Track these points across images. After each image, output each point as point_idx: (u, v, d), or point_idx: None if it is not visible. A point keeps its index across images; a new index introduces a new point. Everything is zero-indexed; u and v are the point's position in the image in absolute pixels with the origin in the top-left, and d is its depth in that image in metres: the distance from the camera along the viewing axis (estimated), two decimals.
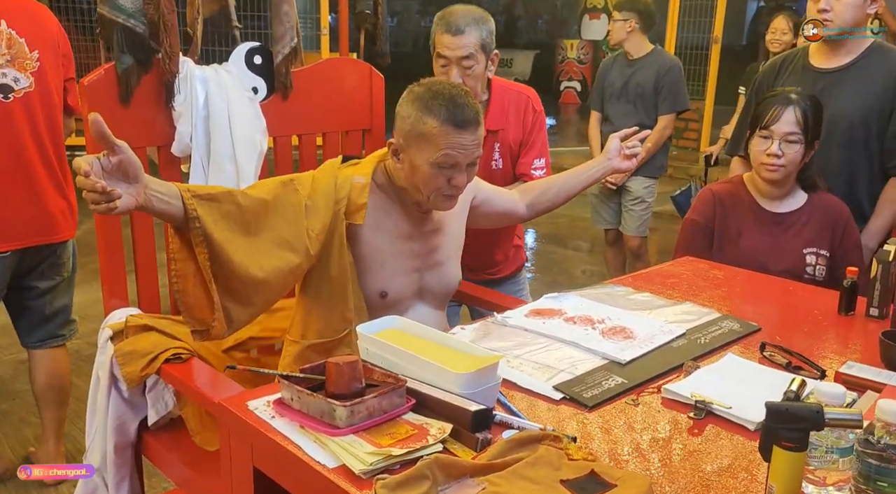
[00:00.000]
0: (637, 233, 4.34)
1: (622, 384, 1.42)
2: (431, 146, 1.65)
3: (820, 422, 0.99)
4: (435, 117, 1.64)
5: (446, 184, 1.68)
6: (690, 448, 1.24)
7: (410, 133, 1.67)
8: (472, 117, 1.66)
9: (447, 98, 1.65)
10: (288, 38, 2.31)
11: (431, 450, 1.17)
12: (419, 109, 1.66)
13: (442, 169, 1.66)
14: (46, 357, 2.73)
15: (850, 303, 1.82)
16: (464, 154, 1.66)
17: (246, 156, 2.23)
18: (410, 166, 1.69)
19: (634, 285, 2.01)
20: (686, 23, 8.13)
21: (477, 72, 2.25)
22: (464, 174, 1.69)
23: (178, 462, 1.97)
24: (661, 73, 4.15)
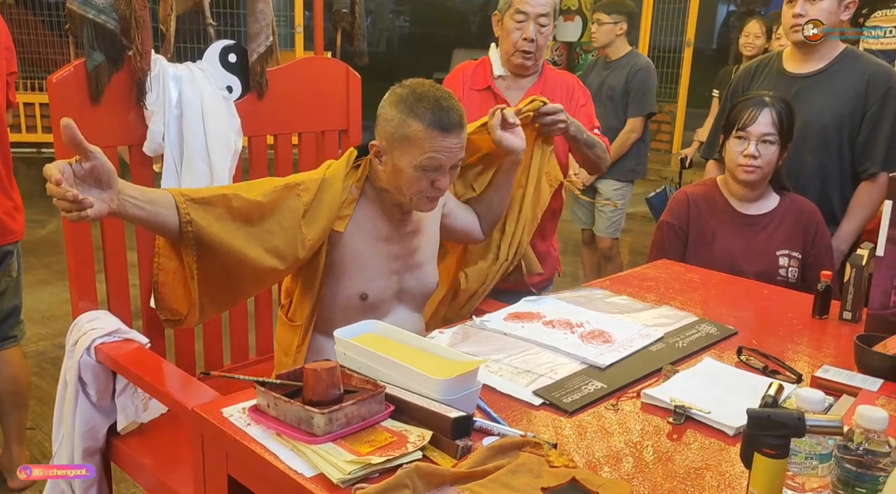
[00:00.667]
0: (608, 234, 4.35)
1: (602, 389, 1.41)
2: (416, 149, 1.63)
3: (801, 429, 0.99)
4: (420, 120, 1.62)
5: (429, 186, 1.67)
6: (670, 454, 1.24)
7: (394, 135, 1.65)
8: (457, 120, 1.65)
9: (432, 101, 1.63)
10: (263, 36, 2.27)
11: (411, 458, 1.15)
12: (403, 112, 1.64)
13: (426, 171, 1.65)
14: (2, 361, 2.67)
15: (824, 307, 1.83)
16: (448, 157, 1.65)
17: (220, 155, 2.19)
18: (393, 168, 1.68)
19: (612, 288, 2.01)
20: (659, 26, 8.19)
21: (548, 32, 2.32)
22: (447, 176, 1.68)
23: (147, 468, 1.92)
24: (631, 75, 4.17)
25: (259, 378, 1.29)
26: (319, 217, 1.70)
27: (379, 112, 1.70)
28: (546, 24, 2.30)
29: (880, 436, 1.01)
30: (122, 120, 2.06)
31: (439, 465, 1.15)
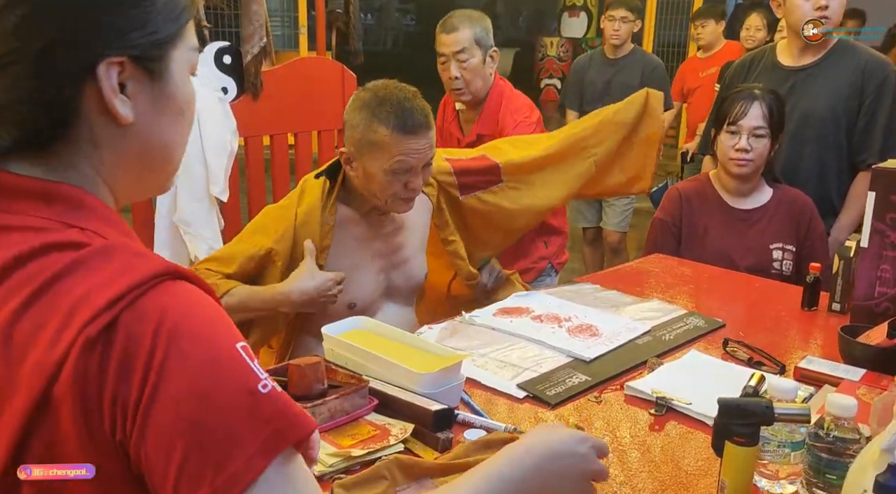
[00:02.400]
0: (618, 227, 4.36)
1: (586, 381, 1.43)
2: (384, 154, 1.61)
3: (770, 417, 1.00)
4: (384, 125, 1.60)
5: (403, 188, 1.65)
6: (649, 444, 1.25)
7: (361, 141, 1.63)
8: (422, 121, 1.63)
9: (395, 103, 1.61)
10: (257, 37, 2.31)
11: (392, 450, 1.17)
12: (367, 117, 1.62)
13: (397, 174, 1.63)
14: None
15: (813, 298, 1.84)
16: (417, 158, 1.63)
17: (215, 156, 2.23)
18: (364, 174, 1.66)
19: (603, 282, 2.02)
20: (663, 20, 8.17)
21: (472, 65, 2.36)
22: (419, 176, 1.67)
23: None
24: (647, 73, 4.17)
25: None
26: (299, 263, 1.68)
27: (345, 118, 1.68)
28: (466, 58, 2.36)
29: (850, 424, 1.02)
30: None
31: (421, 458, 1.17)
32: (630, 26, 4.12)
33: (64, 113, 0.69)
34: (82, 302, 0.63)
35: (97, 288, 0.64)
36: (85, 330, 0.62)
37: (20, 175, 0.70)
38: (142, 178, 0.79)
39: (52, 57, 0.67)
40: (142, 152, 0.76)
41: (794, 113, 2.73)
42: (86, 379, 0.62)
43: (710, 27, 5.16)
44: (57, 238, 0.67)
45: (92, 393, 0.63)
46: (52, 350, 0.62)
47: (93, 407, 0.63)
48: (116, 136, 0.73)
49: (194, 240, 2.18)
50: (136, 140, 0.74)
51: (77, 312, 0.63)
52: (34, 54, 0.66)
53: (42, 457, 0.62)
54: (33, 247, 0.66)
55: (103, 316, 0.63)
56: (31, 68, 0.66)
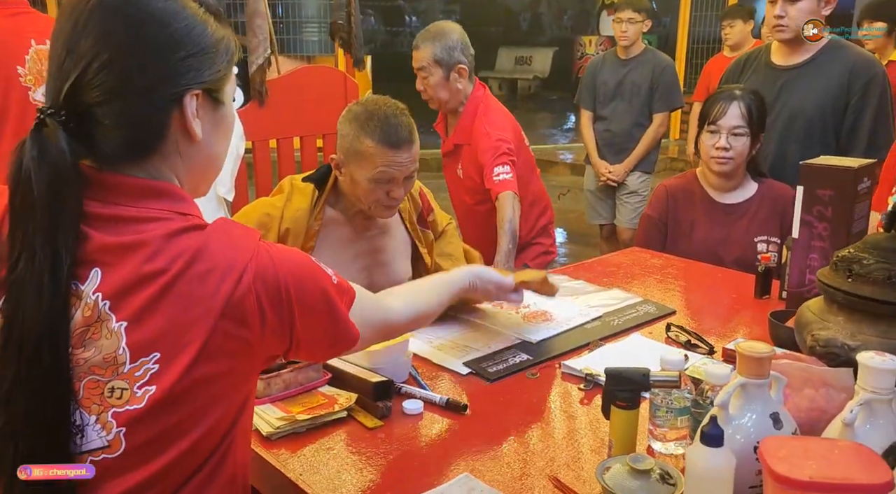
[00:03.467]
0: (630, 224, 4.45)
1: (526, 360, 1.57)
2: (369, 164, 1.76)
3: (646, 384, 1.14)
4: (370, 137, 1.74)
5: (385, 196, 1.80)
6: (575, 413, 1.39)
7: (349, 150, 1.78)
8: (406, 137, 1.77)
9: (382, 118, 1.75)
10: (261, 49, 2.49)
11: (337, 416, 1.34)
12: (356, 129, 1.77)
13: (380, 183, 1.78)
14: None
15: (765, 287, 1.94)
16: (399, 170, 1.77)
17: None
18: (351, 180, 1.81)
19: (575, 273, 2.15)
20: (696, 17, 8.18)
21: (432, 81, 2.53)
22: (401, 187, 1.81)
23: None
24: (658, 72, 4.26)
25: None
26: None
27: (338, 127, 1.83)
28: (426, 75, 2.56)
29: None
30: None
31: (364, 425, 1.33)
32: (638, 27, 4.21)
33: (160, 131, 0.94)
34: (229, 265, 0.91)
35: (233, 254, 0.92)
36: (241, 280, 0.91)
37: (137, 177, 0.93)
38: (198, 182, 1.03)
39: (154, 91, 0.91)
40: (202, 162, 1.00)
41: (783, 111, 2.81)
42: (247, 312, 0.91)
43: (738, 27, 5.21)
44: (184, 223, 0.92)
45: (254, 321, 0.92)
46: (216, 295, 0.89)
47: (253, 324, 0.92)
48: (191, 150, 0.96)
49: None
50: (201, 153, 0.98)
51: (229, 271, 0.90)
52: (142, 89, 0.90)
53: (209, 356, 0.89)
54: (173, 229, 0.90)
55: (247, 271, 0.91)
56: (141, 100, 0.91)
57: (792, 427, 1.01)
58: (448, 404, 1.38)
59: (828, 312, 1.17)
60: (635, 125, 4.32)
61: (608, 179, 4.34)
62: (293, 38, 7.61)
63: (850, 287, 1.13)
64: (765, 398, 1.01)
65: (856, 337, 1.10)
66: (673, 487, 1.03)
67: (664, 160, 7.63)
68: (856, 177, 1.59)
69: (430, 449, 1.27)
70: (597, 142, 4.41)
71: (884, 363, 0.94)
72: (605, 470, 1.07)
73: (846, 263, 1.14)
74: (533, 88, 14.24)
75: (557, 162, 8.27)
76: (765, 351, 0.99)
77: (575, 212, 6.63)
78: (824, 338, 1.12)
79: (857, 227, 1.61)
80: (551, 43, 15.89)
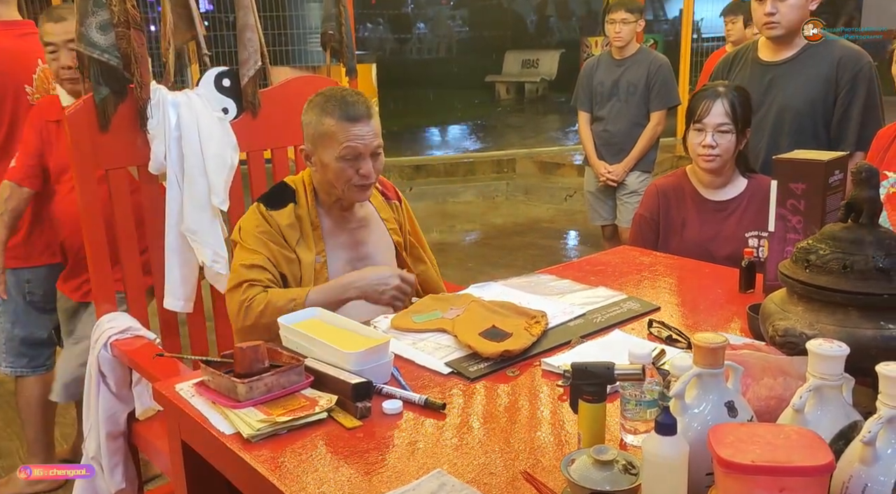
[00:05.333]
0: (630, 225, 4.46)
1: (507, 359, 1.59)
2: (333, 142, 1.89)
3: (611, 377, 1.16)
4: (331, 116, 1.89)
5: (356, 174, 1.91)
6: (554, 409, 1.42)
7: (314, 136, 1.92)
8: (364, 111, 1.90)
9: (339, 99, 1.90)
10: (252, 61, 2.53)
11: (317, 417, 1.37)
12: (317, 113, 1.91)
13: (348, 161, 1.89)
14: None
15: (749, 282, 1.96)
16: (363, 144, 1.89)
17: (216, 170, 2.45)
18: (321, 166, 1.94)
19: (563, 273, 2.17)
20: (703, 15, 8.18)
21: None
22: (369, 162, 1.92)
23: (161, 451, 2.19)
24: (653, 71, 4.29)
25: (204, 356, 1.53)
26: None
27: (301, 120, 1.97)
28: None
29: None
30: (129, 143, 2.35)
31: (344, 425, 1.36)
32: (632, 27, 4.24)
33: None
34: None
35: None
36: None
37: None
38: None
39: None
40: None
41: (772, 106, 2.83)
42: None
43: (739, 24, 5.22)
44: None
45: None
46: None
47: None
48: None
49: (200, 247, 2.41)
50: None
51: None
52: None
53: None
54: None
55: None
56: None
57: (748, 414, 1.03)
58: (427, 403, 1.41)
59: (788, 303, 1.19)
60: (633, 125, 4.35)
61: (607, 179, 4.36)
62: (297, 49, 7.69)
63: (808, 277, 1.15)
64: (720, 387, 1.03)
65: (814, 326, 1.12)
66: (635, 477, 1.05)
67: (671, 158, 7.62)
68: (827, 170, 1.61)
69: (407, 448, 1.30)
70: (595, 143, 4.43)
71: (832, 350, 0.96)
72: (570, 463, 1.10)
73: (804, 254, 1.17)
74: (540, 91, 14.26)
75: (565, 164, 8.28)
76: (718, 341, 1.02)
77: (582, 213, 6.63)
78: (783, 328, 1.14)
79: (829, 220, 1.62)
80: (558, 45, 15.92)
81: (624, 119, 4.36)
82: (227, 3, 7.31)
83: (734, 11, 5.32)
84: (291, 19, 7.93)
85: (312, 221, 2.02)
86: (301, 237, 2.00)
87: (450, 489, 1.15)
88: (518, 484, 1.17)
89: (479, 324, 1.70)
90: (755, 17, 2.82)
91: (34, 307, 2.78)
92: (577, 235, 6.65)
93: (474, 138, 10.88)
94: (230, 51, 6.17)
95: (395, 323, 1.80)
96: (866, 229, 1.17)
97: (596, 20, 15.66)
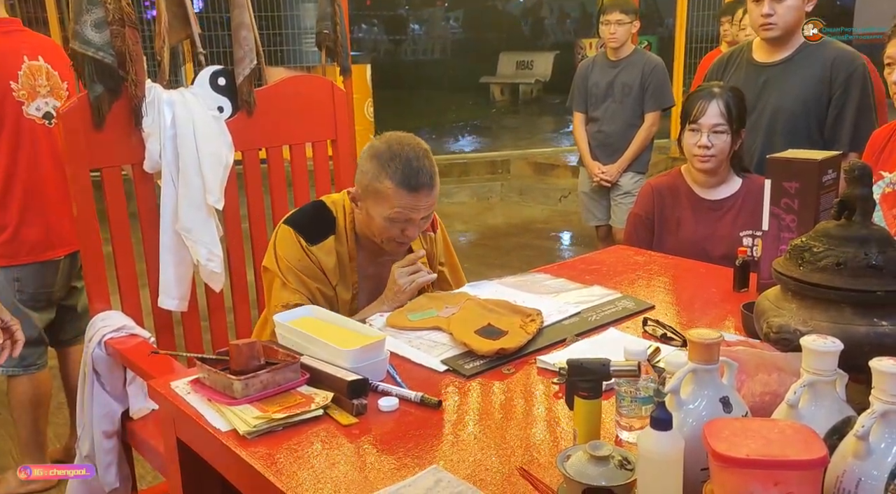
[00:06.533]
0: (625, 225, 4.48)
1: (503, 357, 1.60)
2: (386, 203, 1.81)
3: (606, 374, 1.17)
4: (391, 179, 1.78)
5: (399, 233, 1.86)
6: (549, 406, 1.42)
7: (368, 188, 1.83)
8: (427, 181, 1.80)
9: (404, 160, 1.78)
10: (247, 60, 2.53)
11: (312, 414, 1.37)
12: (377, 167, 1.80)
13: (395, 222, 1.83)
14: (77, 353, 2.97)
15: (743, 280, 1.97)
16: (417, 213, 1.83)
17: (211, 169, 2.45)
18: (367, 215, 1.87)
19: (558, 272, 2.18)
20: (694, 17, 8.20)
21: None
22: (416, 227, 1.87)
23: (155, 450, 2.19)
24: (647, 72, 4.30)
25: (199, 354, 1.53)
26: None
27: (359, 162, 1.87)
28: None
29: None
30: (123, 142, 2.34)
31: (340, 422, 1.36)
32: (627, 28, 4.24)
33: None
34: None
35: None
36: None
37: None
38: None
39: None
40: None
41: (767, 107, 2.85)
42: None
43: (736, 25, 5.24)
44: None
45: None
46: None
47: None
48: None
49: (195, 246, 2.41)
50: None
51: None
52: None
53: None
54: None
55: None
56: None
57: (742, 410, 1.04)
58: (422, 401, 1.42)
59: (782, 300, 1.20)
60: (628, 126, 4.35)
61: (601, 180, 4.36)
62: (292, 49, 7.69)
63: (802, 274, 1.15)
64: (715, 383, 1.04)
65: (807, 323, 1.12)
66: (631, 472, 1.05)
67: (665, 160, 7.65)
68: (820, 169, 1.62)
69: (402, 444, 1.30)
70: (590, 144, 4.44)
71: (826, 345, 0.97)
72: (566, 459, 1.10)
73: (798, 251, 1.17)
74: (534, 92, 14.30)
75: (559, 165, 8.30)
76: (713, 337, 1.02)
77: (577, 214, 6.63)
78: (777, 325, 1.15)
79: (822, 218, 1.63)
80: (553, 47, 15.95)
81: (619, 120, 4.36)
82: (222, 3, 7.32)
83: (729, 12, 5.34)
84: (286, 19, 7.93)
85: (350, 254, 1.98)
86: (340, 275, 1.96)
87: (445, 485, 1.16)
88: (514, 481, 1.18)
89: (474, 322, 1.71)
90: (751, 17, 2.83)
91: (24, 305, 2.77)
92: (571, 236, 6.66)
93: (469, 139, 10.90)
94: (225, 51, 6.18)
95: (390, 321, 1.81)
96: (860, 227, 1.18)
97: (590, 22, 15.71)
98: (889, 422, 0.89)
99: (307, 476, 1.21)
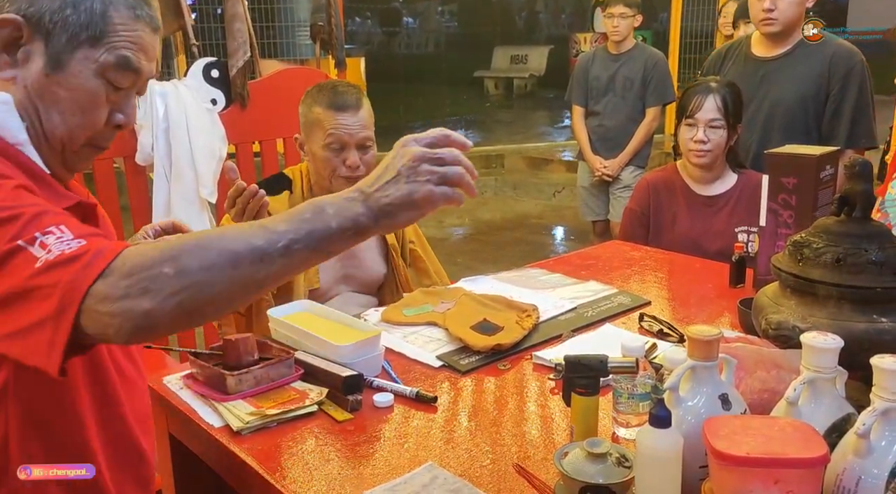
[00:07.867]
0: None
1: (498, 352, 1.59)
2: (320, 130, 1.91)
3: (604, 370, 1.16)
4: (319, 104, 1.92)
5: (341, 164, 1.92)
6: (545, 402, 1.41)
7: (305, 124, 1.96)
8: (353, 101, 1.92)
9: (330, 88, 1.94)
10: (241, 52, 2.52)
11: (307, 410, 1.36)
12: (308, 103, 1.95)
13: (333, 150, 1.91)
14: None
15: (739, 276, 1.96)
16: (348, 133, 1.90)
17: (204, 162, 2.44)
18: (311, 156, 1.96)
19: (553, 267, 2.17)
20: (689, 11, 8.18)
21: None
22: (355, 154, 1.92)
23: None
24: (650, 66, 4.28)
25: (191, 349, 1.52)
26: None
27: (299, 111, 2.00)
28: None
29: None
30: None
31: (334, 418, 1.35)
32: (629, 21, 4.22)
33: None
34: None
35: None
36: None
37: None
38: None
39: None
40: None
41: (764, 102, 2.84)
42: None
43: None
44: None
45: None
46: None
47: None
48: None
49: None
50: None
51: None
52: None
53: None
54: None
55: None
56: None
57: (741, 407, 1.03)
58: (418, 396, 1.40)
59: (781, 296, 1.19)
60: (629, 120, 4.34)
61: (603, 174, 4.34)
62: (285, 41, 7.64)
63: (801, 270, 1.14)
64: (714, 380, 1.03)
65: (806, 319, 1.12)
66: (629, 469, 1.05)
67: (660, 155, 7.64)
68: (818, 165, 1.61)
69: (398, 441, 1.29)
70: (590, 138, 4.42)
71: (826, 342, 0.96)
72: (563, 456, 1.09)
73: (798, 247, 1.16)
74: (529, 86, 14.28)
75: (553, 159, 8.30)
76: (712, 333, 1.01)
77: (571, 209, 6.65)
78: (776, 321, 1.14)
79: (820, 214, 1.62)
80: (547, 41, 15.93)
81: (620, 114, 4.34)
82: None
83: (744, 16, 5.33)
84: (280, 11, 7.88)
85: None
86: None
87: (441, 482, 1.14)
88: (510, 477, 1.17)
89: (470, 318, 1.69)
90: (752, 12, 2.81)
91: None
92: (565, 231, 6.66)
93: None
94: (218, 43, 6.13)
95: (385, 316, 1.79)
96: (859, 223, 1.17)
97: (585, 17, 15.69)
98: (890, 420, 0.88)
99: (301, 473, 1.19)
